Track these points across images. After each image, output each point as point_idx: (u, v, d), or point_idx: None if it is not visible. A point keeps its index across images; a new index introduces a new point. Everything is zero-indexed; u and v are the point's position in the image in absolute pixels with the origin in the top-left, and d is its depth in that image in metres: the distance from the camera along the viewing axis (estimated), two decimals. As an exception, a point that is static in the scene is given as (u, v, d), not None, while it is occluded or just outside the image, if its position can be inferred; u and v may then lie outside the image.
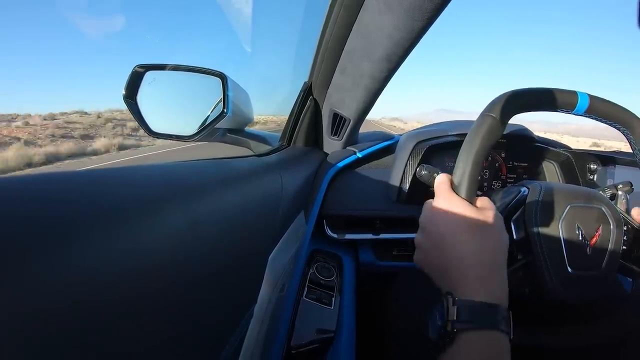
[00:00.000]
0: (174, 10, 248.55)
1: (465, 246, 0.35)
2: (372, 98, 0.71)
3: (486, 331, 0.31)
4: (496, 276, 0.34)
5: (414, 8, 0.47)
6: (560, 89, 0.42)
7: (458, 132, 0.77)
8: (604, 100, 0.42)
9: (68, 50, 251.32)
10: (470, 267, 0.34)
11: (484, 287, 0.33)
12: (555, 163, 0.83)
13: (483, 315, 0.31)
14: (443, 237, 0.36)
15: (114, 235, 0.18)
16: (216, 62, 28.43)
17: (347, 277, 0.70)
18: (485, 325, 0.31)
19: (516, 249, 0.42)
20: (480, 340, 0.31)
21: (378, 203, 0.77)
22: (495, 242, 0.36)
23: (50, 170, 0.21)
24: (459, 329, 0.31)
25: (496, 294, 0.33)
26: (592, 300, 0.42)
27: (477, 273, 0.34)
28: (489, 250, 0.35)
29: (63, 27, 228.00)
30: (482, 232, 0.36)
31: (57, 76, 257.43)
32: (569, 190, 0.44)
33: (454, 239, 0.36)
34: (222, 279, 0.31)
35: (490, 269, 0.34)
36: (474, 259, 0.34)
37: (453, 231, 0.36)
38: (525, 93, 0.41)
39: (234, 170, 0.40)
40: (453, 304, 0.32)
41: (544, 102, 0.41)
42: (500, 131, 0.39)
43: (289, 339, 0.51)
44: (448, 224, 0.37)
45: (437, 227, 0.38)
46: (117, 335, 0.18)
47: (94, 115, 24.63)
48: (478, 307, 0.32)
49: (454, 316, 0.31)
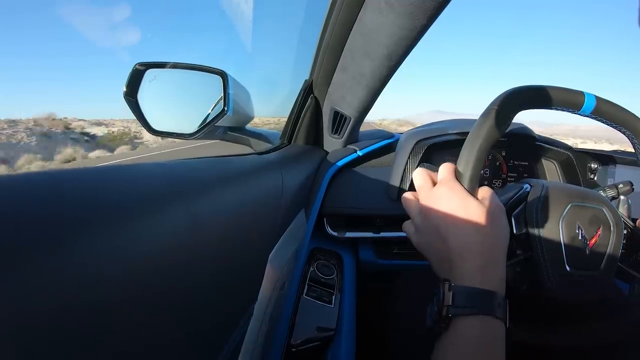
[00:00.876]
0: (174, 7, 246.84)
1: (465, 235, 0.35)
2: (373, 96, 0.71)
3: (481, 316, 0.31)
4: (495, 266, 0.34)
5: (415, 6, 0.47)
6: (568, 89, 0.42)
7: (458, 130, 0.77)
8: (610, 103, 0.42)
9: (68, 51, 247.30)
10: (470, 256, 0.34)
11: (482, 275, 0.33)
12: (555, 162, 0.83)
13: (478, 301, 0.32)
14: (445, 223, 0.36)
15: (114, 233, 0.18)
16: (217, 60, 28.16)
17: (348, 276, 0.70)
18: (480, 310, 0.31)
19: (515, 244, 0.42)
20: (475, 325, 0.31)
21: (378, 201, 0.77)
22: (495, 232, 0.36)
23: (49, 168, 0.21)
24: (453, 314, 0.31)
25: (493, 283, 0.33)
26: (589, 300, 0.42)
27: (476, 262, 0.34)
28: (489, 240, 0.35)
29: (62, 27, 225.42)
30: (485, 224, 0.36)
31: (57, 77, 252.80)
32: (571, 190, 0.44)
33: (455, 226, 0.36)
34: (223, 277, 0.31)
35: (489, 258, 0.34)
36: (474, 248, 0.34)
37: (454, 219, 0.36)
38: (533, 90, 0.41)
39: (235, 168, 0.40)
40: (449, 289, 0.32)
41: (552, 100, 0.41)
42: (506, 125, 0.39)
43: (289, 337, 0.51)
44: (450, 212, 0.37)
45: (437, 212, 0.37)
46: (117, 334, 0.18)
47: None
48: (474, 293, 0.32)
49: (450, 301, 0.32)
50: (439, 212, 0.37)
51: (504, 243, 0.36)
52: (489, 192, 0.39)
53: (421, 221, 0.39)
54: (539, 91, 0.41)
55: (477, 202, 0.37)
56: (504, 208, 0.39)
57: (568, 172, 0.81)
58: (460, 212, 0.36)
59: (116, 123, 28.12)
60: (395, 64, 0.61)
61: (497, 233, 0.36)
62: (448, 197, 0.37)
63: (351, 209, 0.76)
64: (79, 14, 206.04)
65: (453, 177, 0.39)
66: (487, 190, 0.39)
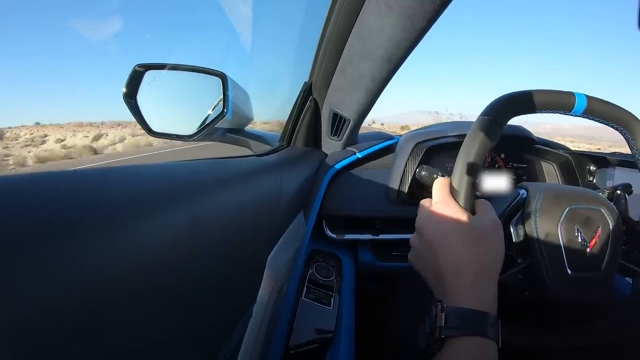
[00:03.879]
0: (174, 9, 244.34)
1: (459, 255, 0.35)
2: (372, 98, 0.71)
3: (473, 337, 0.31)
4: (487, 285, 0.35)
5: (414, 9, 0.47)
6: (558, 90, 0.42)
7: (457, 132, 0.77)
8: (602, 101, 0.42)
9: (68, 52, 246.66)
10: (462, 275, 0.34)
11: (474, 295, 0.33)
12: (554, 164, 0.83)
13: (470, 322, 0.32)
14: (438, 243, 0.36)
15: (113, 234, 0.18)
16: (216, 61, 28.31)
17: (346, 278, 0.70)
18: (472, 331, 0.31)
19: (515, 253, 0.42)
20: (468, 345, 0.31)
21: (377, 203, 0.77)
22: (489, 251, 0.36)
23: (47, 169, 0.21)
24: (446, 335, 0.31)
25: (486, 303, 0.33)
26: (592, 301, 0.42)
27: (468, 281, 0.34)
28: (481, 259, 0.35)
29: (63, 27, 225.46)
30: (477, 241, 0.36)
31: (57, 78, 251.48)
32: (568, 192, 0.44)
33: (448, 247, 0.36)
34: (222, 278, 0.31)
35: (482, 278, 0.34)
36: (467, 268, 0.34)
37: (448, 239, 0.36)
38: (523, 95, 0.41)
39: (234, 170, 0.40)
40: (442, 310, 0.33)
41: (542, 104, 0.41)
42: (498, 134, 0.39)
43: (288, 339, 0.51)
44: (444, 231, 0.37)
45: (432, 232, 0.38)
46: (116, 334, 0.18)
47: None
48: (466, 313, 0.32)
49: (442, 322, 0.32)
50: (433, 231, 0.37)
51: (497, 261, 0.36)
52: (485, 206, 0.39)
53: (416, 239, 0.40)
54: (529, 96, 0.41)
55: (471, 220, 0.37)
56: (500, 225, 0.38)
57: (567, 174, 0.81)
58: (453, 231, 0.36)
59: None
60: (394, 66, 0.61)
61: (490, 251, 0.36)
62: (441, 215, 0.37)
63: (350, 211, 0.76)
64: (76, 14, 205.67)
65: (447, 194, 0.39)
66: (483, 204, 0.39)
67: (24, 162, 14.05)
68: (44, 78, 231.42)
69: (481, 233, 0.36)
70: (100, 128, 25.51)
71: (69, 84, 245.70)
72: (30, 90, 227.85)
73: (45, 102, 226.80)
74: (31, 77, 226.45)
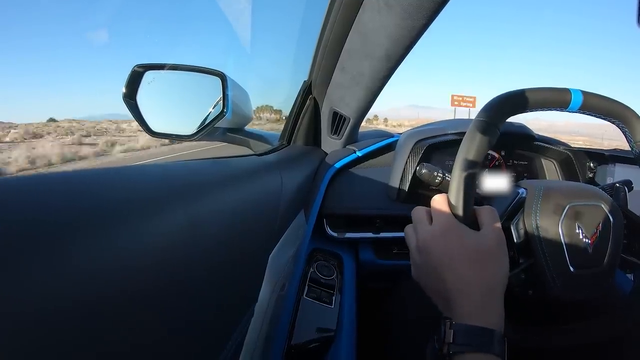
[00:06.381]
0: (174, 9, 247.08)
1: (466, 277, 0.35)
2: (372, 96, 0.71)
3: (480, 354, 0.32)
4: (494, 303, 0.35)
5: (413, 7, 0.47)
6: (553, 88, 0.41)
7: (457, 130, 0.77)
8: (598, 96, 0.42)
9: (67, 52, 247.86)
10: (469, 295, 0.35)
11: (481, 313, 0.34)
12: (555, 161, 0.83)
13: (478, 339, 0.32)
14: (443, 266, 0.37)
15: (114, 234, 0.18)
16: (216, 61, 28.08)
17: (348, 276, 0.70)
18: (479, 348, 0.32)
19: (517, 253, 0.42)
20: None
21: (378, 202, 0.77)
22: (495, 269, 0.36)
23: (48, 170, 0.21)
24: (454, 351, 0.32)
25: (492, 320, 0.34)
26: (596, 297, 0.42)
27: (475, 300, 0.34)
28: (488, 279, 0.35)
29: (61, 27, 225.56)
30: (482, 260, 0.36)
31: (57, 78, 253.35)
32: (567, 189, 0.44)
33: (454, 269, 0.36)
34: (223, 278, 0.31)
35: (488, 296, 0.35)
36: (473, 287, 0.35)
37: (452, 260, 0.36)
38: (518, 94, 0.40)
39: (234, 169, 0.40)
40: (450, 327, 0.33)
41: (538, 102, 0.41)
42: (495, 136, 0.39)
43: (289, 338, 0.51)
44: (447, 251, 0.37)
45: (437, 255, 0.37)
46: (118, 334, 0.18)
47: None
48: (474, 331, 0.33)
49: (451, 339, 0.33)
50: (436, 252, 0.37)
51: (502, 278, 0.37)
52: (488, 216, 0.39)
53: (419, 259, 0.40)
54: (525, 95, 0.40)
55: (474, 239, 0.37)
56: (503, 238, 0.38)
57: (567, 171, 0.81)
58: (456, 250, 0.36)
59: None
60: (394, 64, 0.61)
61: (496, 269, 0.36)
62: (443, 235, 0.37)
63: (351, 210, 0.76)
64: (75, 13, 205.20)
65: (447, 212, 0.39)
66: (485, 213, 0.39)
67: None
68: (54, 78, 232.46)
69: (486, 251, 0.36)
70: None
71: (69, 84, 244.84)
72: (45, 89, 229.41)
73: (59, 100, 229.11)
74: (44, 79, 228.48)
